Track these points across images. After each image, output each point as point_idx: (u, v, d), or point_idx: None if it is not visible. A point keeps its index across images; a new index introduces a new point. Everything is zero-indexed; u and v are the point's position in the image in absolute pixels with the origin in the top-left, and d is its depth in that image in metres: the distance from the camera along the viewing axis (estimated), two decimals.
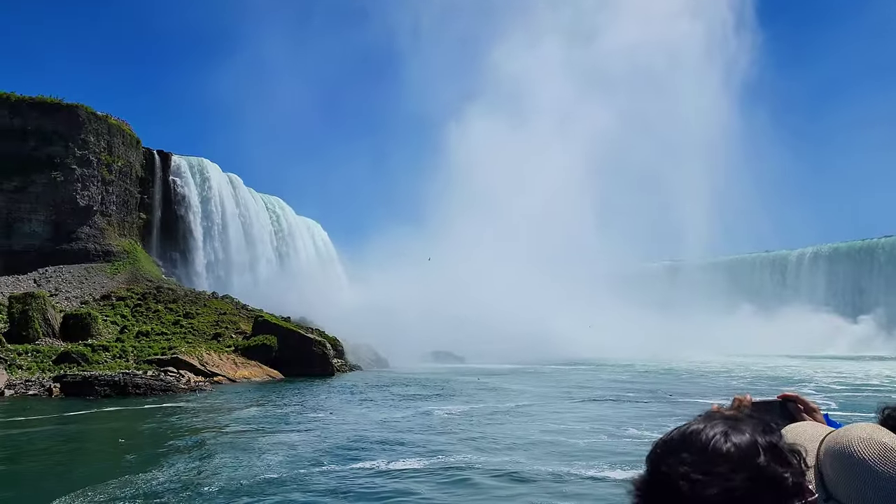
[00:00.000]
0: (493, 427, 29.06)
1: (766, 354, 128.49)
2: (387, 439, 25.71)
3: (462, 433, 27.32)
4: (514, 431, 27.65)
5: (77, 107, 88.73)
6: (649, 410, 36.09)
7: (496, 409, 37.71)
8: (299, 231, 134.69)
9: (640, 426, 29.02)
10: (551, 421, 31.12)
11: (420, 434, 27.28)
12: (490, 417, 32.68)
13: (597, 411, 36.07)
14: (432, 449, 23.15)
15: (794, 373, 74.66)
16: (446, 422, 31.14)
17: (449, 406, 39.24)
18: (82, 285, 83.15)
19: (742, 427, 1.61)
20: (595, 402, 41.49)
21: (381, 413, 36.12)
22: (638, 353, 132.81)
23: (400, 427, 29.62)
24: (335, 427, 29.97)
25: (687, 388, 53.24)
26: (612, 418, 32.19)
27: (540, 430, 28.10)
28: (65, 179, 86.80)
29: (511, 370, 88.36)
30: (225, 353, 71.05)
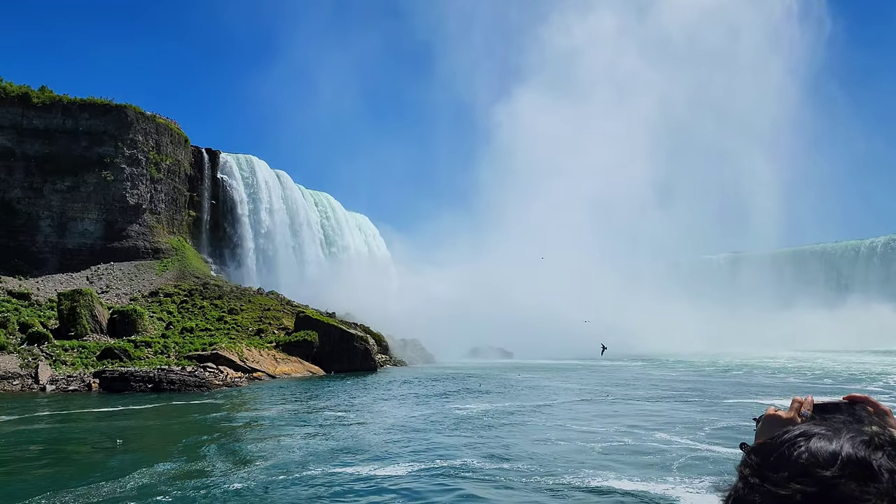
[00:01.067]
0: (503, 429, 27.32)
1: (830, 350, 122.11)
2: (388, 442, 24.32)
3: (467, 436, 25.69)
4: (525, 434, 25.86)
5: (125, 107, 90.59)
6: (688, 413, 33.58)
7: (519, 408, 35.87)
8: (348, 226, 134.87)
9: (671, 431, 26.75)
10: (572, 423, 29.14)
11: (424, 437, 25.77)
12: (507, 417, 30.93)
13: (628, 412, 33.79)
14: (426, 454, 21.63)
15: (860, 370, 69.93)
16: (459, 422, 29.53)
17: (472, 404, 37.61)
18: (132, 282, 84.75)
19: (835, 435, 1.51)
20: (631, 403, 39.11)
21: (401, 411, 34.76)
22: (697, 348, 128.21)
23: (410, 427, 28.20)
24: (345, 429, 28.73)
25: (742, 387, 50.10)
26: (642, 421, 29.94)
27: (555, 433, 26.18)
28: (115, 178, 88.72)
29: (558, 366, 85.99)
30: (266, 348, 71.07)
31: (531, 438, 24.71)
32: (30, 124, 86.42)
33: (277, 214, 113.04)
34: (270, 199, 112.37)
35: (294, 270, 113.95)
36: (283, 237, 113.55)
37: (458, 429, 27.68)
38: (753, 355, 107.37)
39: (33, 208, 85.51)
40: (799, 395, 2.26)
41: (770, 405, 2.74)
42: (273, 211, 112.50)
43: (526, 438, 24.84)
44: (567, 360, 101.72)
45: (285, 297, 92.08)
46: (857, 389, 30.46)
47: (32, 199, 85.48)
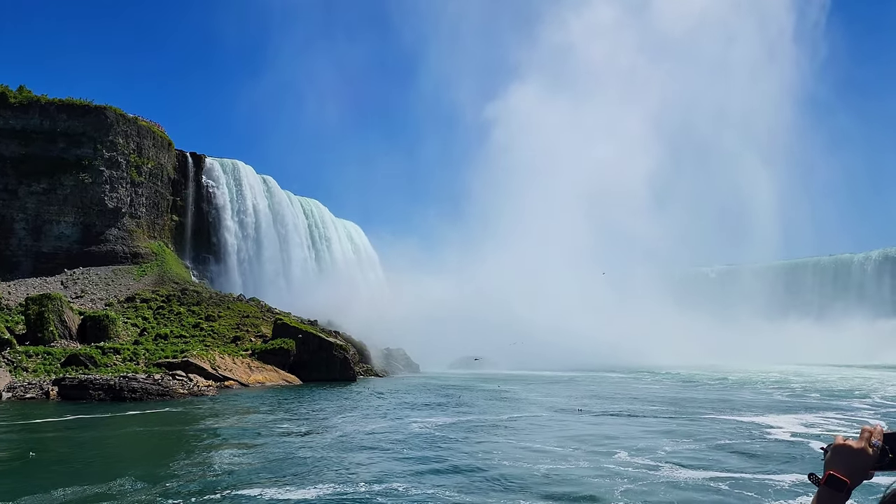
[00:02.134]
0: (451, 447, 25.46)
1: (823, 363, 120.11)
2: (320, 460, 22.49)
3: (408, 454, 23.84)
4: (469, 454, 23.98)
5: (105, 108, 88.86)
6: (656, 431, 31.70)
7: (481, 422, 34.02)
8: (337, 233, 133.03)
9: (632, 450, 24.87)
10: (528, 440, 27.27)
11: (363, 454, 23.93)
12: (463, 433, 29.06)
13: (597, 429, 31.92)
14: (353, 475, 19.85)
15: (850, 385, 67.99)
16: (409, 438, 27.68)
17: (435, 418, 35.74)
18: (108, 287, 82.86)
19: None
20: (601, 418, 37.22)
21: (357, 425, 32.86)
22: (689, 361, 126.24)
23: (355, 444, 26.36)
24: (286, 444, 26.87)
25: (723, 402, 48.13)
26: (605, 439, 28.06)
27: (504, 452, 24.30)
28: (93, 181, 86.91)
29: (543, 377, 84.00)
30: (240, 356, 69.14)
31: (474, 458, 22.85)
32: (6, 124, 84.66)
33: (263, 220, 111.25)
34: (256, 205, 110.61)
35: (280, 277, 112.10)
36: (269, 243, 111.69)
37: (403, 445, 25.82)
38: (745, 368, 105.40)
39: (8, 210, 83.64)
40: (867, 424, 2.37)
41: (838, 435, 2.76)
42: (259, 216, 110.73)
43: (468, 458, 22.98)
44: (557, 371, 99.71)
45: (266, 304, 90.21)
46: (843, 406, 28.32)
47: (7, 200, 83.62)
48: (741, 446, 26.19)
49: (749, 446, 26.21)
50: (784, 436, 29.28)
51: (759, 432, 30.81)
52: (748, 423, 35.23)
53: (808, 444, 26.58)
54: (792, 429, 32.05)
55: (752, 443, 27.17)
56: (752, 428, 32.57)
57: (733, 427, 32.90)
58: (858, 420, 37.20)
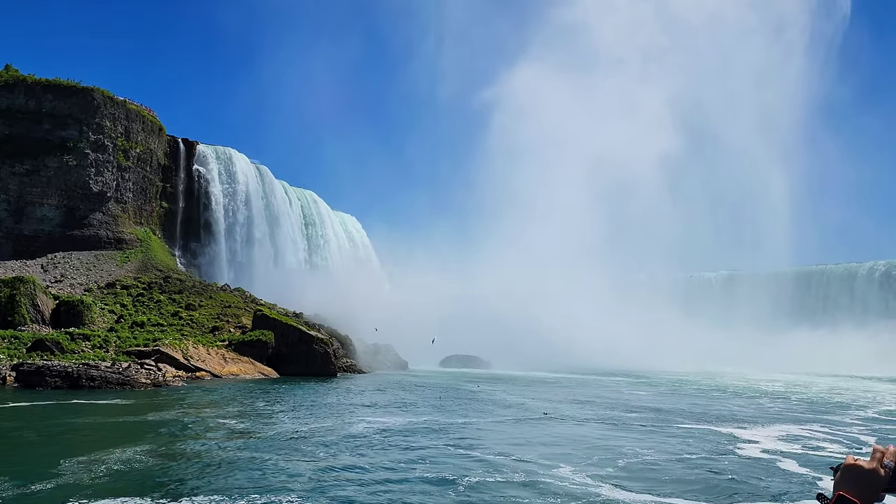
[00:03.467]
0: (389, 452, 23.36)
1: (826, 374, 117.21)
2: (233, 463, 20.36)
3: (337, 459, 21.73)
4: (403, 461, 21.78)
5: (93, 90, 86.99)
6: (621, 441, 29.42)
7: (438, 424, 31.87)
8: (332, 225, 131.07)
9: (582, 463, 22.62)
10: (477, 446, 25.09)
11: (288, 457, 21.79)
12: (409, 436, 27.00)
13: (554, 436, 29.65)
14: (257, 481, 17.66)
15: (848, 397, 65.25)
16: (350, 440, 25.75)
17: (391, 418, 33.69)
18: (89, 272, 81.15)
19: None
20: (567, 425, 34.94)
21: (304, 425, 30.76)
22: (689, 367, 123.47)
23: (286, 446, 24.29)
24: (211, 442, 24.80)
25: (708, 411, 45.76)
26: (558, 449, 25.81)
27: (442, 460, 22.12)
28: (77, 164, 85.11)
29: (531, 378, 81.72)
30: (215, 347, 67.16)
31: (394, 466, 20.71)
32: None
33: (255, 209, 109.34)
34: (248, 193, 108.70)
35: (270, 268, 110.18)
36: (261, 233, 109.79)
37: (330, 450, 23.69)
38: (746, 376, 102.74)
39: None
40: (878, 444, 2.36)
41: (848, 455, 2.68)
42: (250, 205, 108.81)
43: (387, 466, 20.84)
44: (550, 372, 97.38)
45: (251, 295, 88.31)
46: (834, 419, 25.61)
47: None
48: (703, 463, 23.87)
49: (712, 463, 23.88)
50: (755, 452, 26.91)
51: (731, 447, 28.46)
52: (724, 435, 32.89)
53: (777, 464, 24.23)
54: (768, 444, 29.67)
55: (716, 460, 24.83)
56: (726, 441, 30.22)
57: (706, 439, 30.57)
58: (845, 435, 34.78)
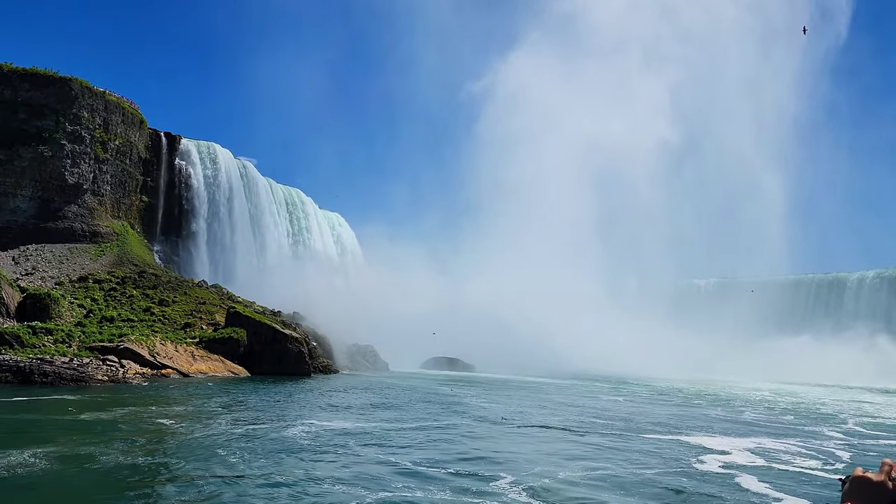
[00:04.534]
0: (315, 457, 21.83)
1: (821, 384, 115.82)
2: (131, 468, 18.72)
3: (246, 466, 20.04)
4: (327, 468, 20.17)
5: (70, 80, 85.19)
6: (581, 451, 27.85)
7: (384, 430, 30.29)
8: (318, 223, 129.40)
9: (522, 477, 20.99)
10: (417, 455, 23.47)
11: (196, 463, 20.17)
12: (348, 440, 25.38)
13: (506, 444, 28.03)
14: (147, 483, 16.02)
15: (841, 409, 63.62)
16: (279, 442, 24.02)
17: (340, 422, 32.21)
18: (62, 266, 79.38)
19: None
20: (532, 430, 33.37)
21: (241, 427, 29.17)
22: (677, 374, 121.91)
23: (203, 450, 22.62)
24: (132, 445, 23.16)
25: (682, 420, 44.20)
26: (505, 458, 24.19)
27: (367, 469, 20.53)
28: (53, 155, 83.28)
29: (509, 382, 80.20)
30: (184, 344, 65.43)
31: (306, 478, 19.05)
32: None
33: (238, 205, 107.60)
34: (231, 189, 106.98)
35: (252, 265, 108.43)
36: (243, 229, 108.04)
37: (255, 454, 22.08)
38: (733, 385, 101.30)
39: None
40: (887, 458, 2.40)
41: (858, 467, 2.72)
42: (233, 201, 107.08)
43: (298, 478, 19.20)
44: (531, 376, 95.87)
45: (228, 292, 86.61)
46: (813, 431, 23.80)
47: None
48: (655, 478, 22.27)
49: (662, 477, 22.28)
50: (715, 465, 25.31)
51: (692, 459, 26.85)
52: (690, 446, 31.29)
53: (736, 479, 22.64)
54: (733, 457, 28.08)
55: (669, 473, 23.23)
56: (689, 454, 28.61)
57: (667, 451, 28.97)
58: (819, 449, 33.19)
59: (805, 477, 23.58)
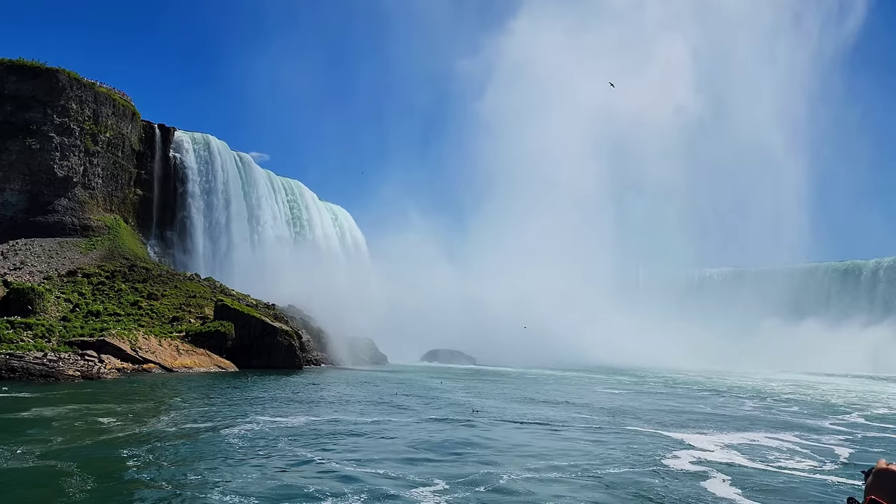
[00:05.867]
0: (248, 458, 19.84)
1: (836, 373, 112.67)
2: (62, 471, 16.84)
3: (168, 471, 18.10)
4: (250, 470, 18.15)
5: (58, 71, 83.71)
6: (551, 447, 25.71)
7: (344, 424, 28.52)
8: (320, 215, 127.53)
9: (470, 479, 18.86)
10: (367, 452, 21.46)
11: (126, 462, 18.27)
12: (297, 438, 23.48)
13: (469, 439, 25.85)
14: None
15: (851, 400, 60.83)
16: (225, 441, 22.25)
17: (306, 416, 30.75)
18: (51, 260, 78.15)
19: None
20: (505, 424, 31.21)
21: (204, 423, 27.32)
22: (683, 365, 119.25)
23: (147, 450, 20.74)
24: (69, 448, 21.35)
25: (672, 414, 41.85)
26: (463, 455, 22.08)
27: (300, 475, 18.52)
28: (41, 148, 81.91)
29: (505, 374, 78.18)
30: (169, 338, 63.84)
31: (220, 484, 17.03)
32: None
33: (234, 197, 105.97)
34: (227, 181, 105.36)
35: (251, 257, 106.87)
36: (240, 222, 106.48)
37: (195, 452, 20.16)
38: (748, 375, 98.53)
39: None
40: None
41: (881, 459, 2.71)
42: (229, 194, 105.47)
43: (207, 480, 17.19)
44: (532, 368, 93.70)
45: (221, 285, 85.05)
46: (814, 425, 21.06)
47: None
48: (614, 478, 20.03)
49: (624, 478, 20.04)
50: (687, 464, 22.99)
51: (666, 456, 24.57)
52: (670, 441, 28.97)
53: (702, 481, 20.32)
54: (710, 454, 25.74)
55: (634, 474, 20.96)
56: (665, 450, 26.29)
57: (642, 447, 26.69)
58: (813, 446, 30.75)
59: (783, 479, 21.24)
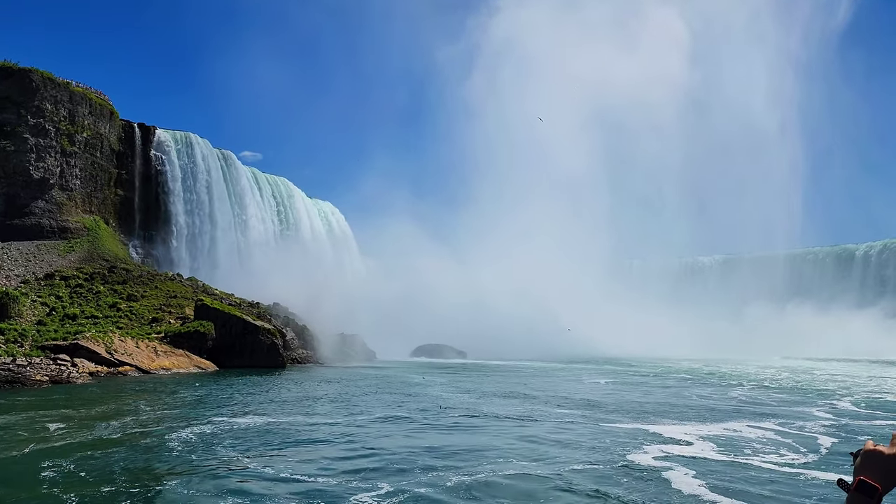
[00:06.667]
0: (158, 465, 18.43)
1: (833, 358, 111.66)
2: None
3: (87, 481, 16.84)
4: (153, 478, 16.85)
5: (30, 71, 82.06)
6: (507, 447, 24.46)
7: (300, 425, 27.10)
8: (307, 212, 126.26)
9: (403, 482, 17.60)
10: (298, 457, 20.10)
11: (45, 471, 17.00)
12: (234, 441, 22.15)
13: (424, 441, 24.60)
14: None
15: (842, 385, 59.70)
16: (166, 445, 20.84)
17: (262, 417, 29.22)
18: (28, 263, 76.76)
19: None
20: (473, 421, 29.92)
21: (152, 427, 26.01)
22: (680, 353, 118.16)
23: (79, 458, 19.42)
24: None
25: (659, 406, 40.68)
26: (408, 461, 20.82)
27: (210, 483, 17.20)
28: (16, 149, 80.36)
29: (492, 367, 76.93)
30: (146, 340, 62.56)
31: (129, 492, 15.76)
32: None
33: (218, 195, 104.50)
34: (210, 180, 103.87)
35: (236, 256, 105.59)
36: (224, 220, 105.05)
37: (127, 458, 18.82)
38: (744, 362, 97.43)
39: None
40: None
41: (868, 439, 2.72)
42: (213, 192, 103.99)
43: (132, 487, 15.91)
44: (521, 360, 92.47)
45: (204, 284, 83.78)
46: (799, 412, 19.60)
47: None
48: (572, 478, 18.76)
49: (587, 477, 18.75)
50: (652, 459, 21.74)
51: (634, 451, 23.32)
52: (644, 434, 27.75)
53: (665, 474, 19.07)
54: (682, 448, 24.52)
55: (598, 472, 19.70)
56: (635, 444, 25.06)
57: (612, 442, 25.45)
58: (795, 435, 29.57)
59: (753, 471, 20.00)
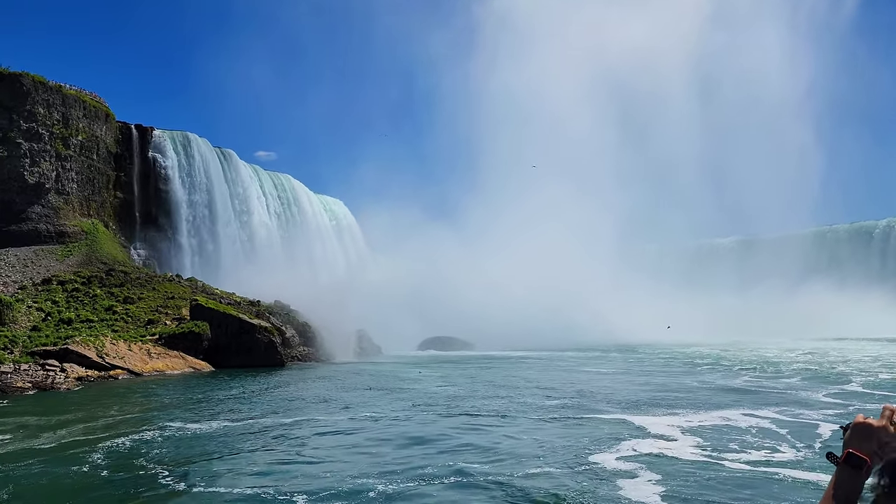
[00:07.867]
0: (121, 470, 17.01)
1: (854, 338, 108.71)
2: None
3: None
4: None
5: (21, 75, 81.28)
6: (478, 446, 22.85)
7: (263, 426, 25.78)
8: (313, 208, 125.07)
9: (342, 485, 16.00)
10: (238, 461, 18.61)
11: None
12: (194, 445, 20.71)
13: (378, 444, 23.00)
14: None
15: (857, 368, 57.33)
16: (115, 452, 19.43)
17: (223, 422, 27.78)
18: (26, 269, 76.23)
19: None
20: (451, 419, 28.33)
21: (106, 432, 24.71)
22: (694, 338, 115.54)
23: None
24: None
25: (656, 392, 38.85)
26: (339, 465, 19.25)
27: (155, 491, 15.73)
28: (9, 154, 79.70)
29: (495, 358, 75.48)
30: (140, 342, 61.59)
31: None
32: None
33: (218, 195, 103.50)
34: (210, 179, 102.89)
35: (239, 254, 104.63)
36: (226, 219, 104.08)
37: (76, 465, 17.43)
38: (763, 345, 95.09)
39: None
40: (889, 403, 2.47)
41: (859, 414, 2.75)
42: (213, 191, 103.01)
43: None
44: (526, 351, 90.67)
45: (204, 284, 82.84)
46: (804, 398, 17.59)
47: None
48: (535, 478, 17.03)
49: (549, 478, 17.02)
50: (615, 460, 19.95)
51: (612, 448, 21.58)
52: (627, 428, 25.98)
53: (632, 478, 17.27)
54: (659, 444, 22.75)
55: (565, 471, 17.97)
56: (616, 439, 23.30)
57: (590, 437, 23.72)
58: (794, 423, 27.73)
59: (725, 473, 18.13)
